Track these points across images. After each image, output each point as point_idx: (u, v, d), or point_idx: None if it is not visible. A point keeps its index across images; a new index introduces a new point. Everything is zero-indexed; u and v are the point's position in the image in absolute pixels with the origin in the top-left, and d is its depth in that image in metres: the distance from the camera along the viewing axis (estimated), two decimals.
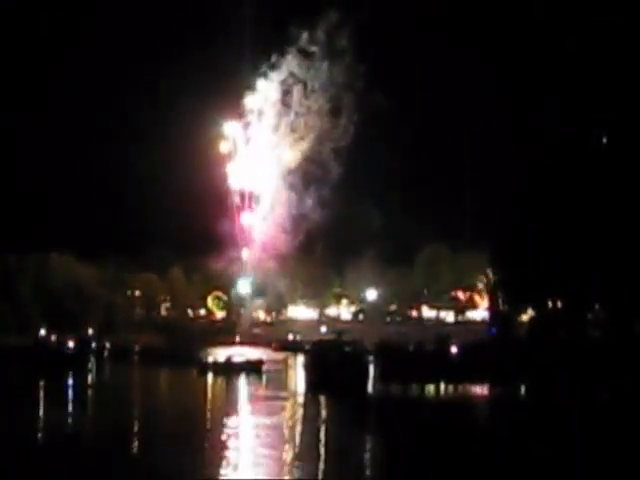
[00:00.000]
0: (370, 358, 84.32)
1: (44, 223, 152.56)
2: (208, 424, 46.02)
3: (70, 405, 56.62)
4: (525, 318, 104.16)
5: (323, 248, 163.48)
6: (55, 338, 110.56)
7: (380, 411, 54.00)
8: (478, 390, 69.86)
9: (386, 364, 79.85)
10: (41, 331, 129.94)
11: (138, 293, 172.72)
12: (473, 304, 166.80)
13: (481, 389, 70.26)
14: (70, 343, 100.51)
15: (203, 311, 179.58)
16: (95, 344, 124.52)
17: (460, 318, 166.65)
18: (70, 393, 66.15)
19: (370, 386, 70.66)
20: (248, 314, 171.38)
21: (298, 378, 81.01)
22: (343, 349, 76.25)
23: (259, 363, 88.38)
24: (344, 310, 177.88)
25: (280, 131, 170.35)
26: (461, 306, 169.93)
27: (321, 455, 34.89)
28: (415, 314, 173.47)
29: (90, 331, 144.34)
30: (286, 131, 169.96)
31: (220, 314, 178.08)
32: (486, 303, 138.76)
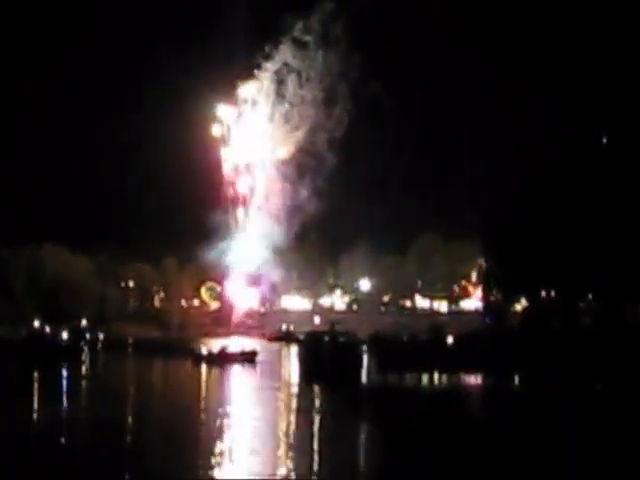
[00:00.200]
0: (364, 348, 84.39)
1: (37, 215, 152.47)
2: (202, 414, 46.02)
3: (64, 396, 56.59)
4: (518, 308, 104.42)
5: (317, 238, 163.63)
6: (49, 329, 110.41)
7: (374, 401, 54.08)
8: (472, 380, 70.01)
9: (381, 354, 80.00)
10: (35, 323, 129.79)
11: (131, 284, 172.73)
12: (467, 294, 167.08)
13: (475, 379, 70.41)
14: (64, 334, 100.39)
15: (197, 302, 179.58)
16: (89, 335, 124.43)
17: (454, 308, 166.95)
18: (64, 384, 66.11)
19: (364, 376, 70.75)
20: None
21: (292, 368, 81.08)
22: (337, 339, 76.28)
23: (253, 354, 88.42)
24: (338, 300, 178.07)
25: (274, 121, 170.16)
26: (455, 296, 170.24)
27: (315, 445, 34.93)
28: (409, 304, 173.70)
29: (84, 322, 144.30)
30: (280, 121, 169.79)
31: (214, 305, 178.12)
32: (479, 293, 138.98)
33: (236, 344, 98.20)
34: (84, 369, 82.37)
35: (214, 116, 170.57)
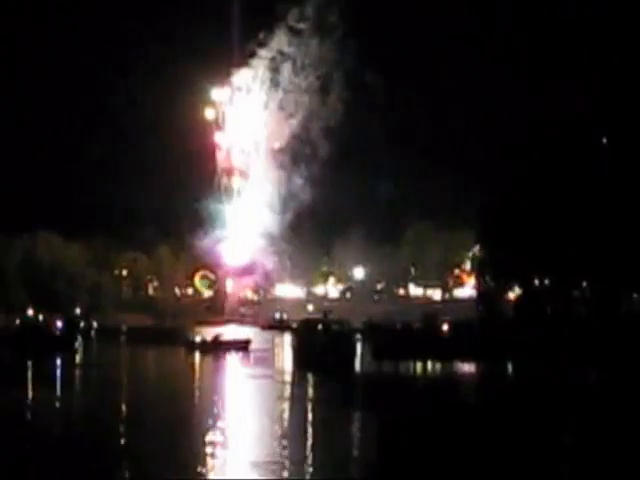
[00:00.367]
0: (358, 336, 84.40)
1: (31, 203, 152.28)
2: (196, 402, 46.04)
3: (58, 385, 56.57)
4: (512, 296, 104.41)
5: (311, 227, 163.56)
6: (42, 318, 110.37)
7: (367, 389, 54.09)
8: (466, 368, 70.15)
9: (375, 342, 80.00)
10: (28, 311, 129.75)
11: (125, 273, 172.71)
12: (460, 282, 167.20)
13: (469, 367, 70.55)
14: (57, 323, 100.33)
15: (190, 290, 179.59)
16: (82, 324, 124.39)
17: (447, 296, 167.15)
18: (58, 373, 66.08)
19: (358, 364, 70.80)
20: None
21: (285, 357, 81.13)
22: (330, 327, 76.30)
23: (246, 342, 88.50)
24: (332, 288, 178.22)
25: (269, 109, 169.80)
26: (449, 284, 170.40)
27: (309, 432, 34.97)
28: (402, 292, 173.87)
29: (77, 311, 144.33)
30: (275, 109, 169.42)
31: (207, 293, 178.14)
32: (473, 281, 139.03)
33: (230, 332, 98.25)
34: (78, 358, 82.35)
35: (208, 100, 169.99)
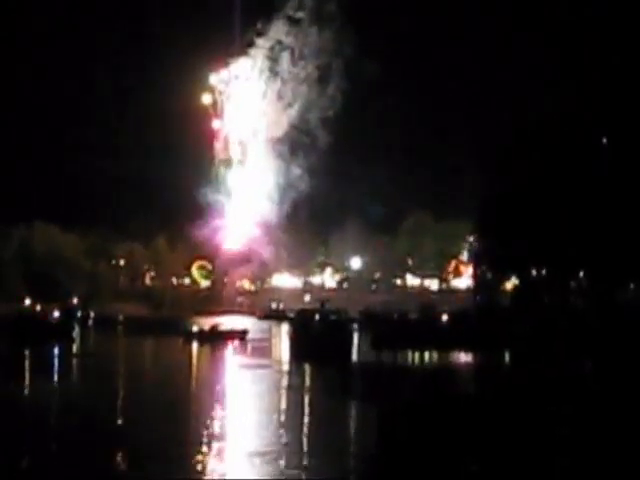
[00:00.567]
0: (354, 326, 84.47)
1: (28, 194, 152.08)
2: (193, 391, 46.13)
3: (55, 374, 56.66)
4: (509, 286, 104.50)
5: (308, 216, 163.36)
6: (39, 308, 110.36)
7: (364, 379, 54.19)
8: (463, 357, 70.32)
9: (373, 332, 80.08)
10: (26, 301, 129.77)
11: (122, 262, 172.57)
12: (458, 272, 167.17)
13: (466, 356, 70.70)
14: (55, 313, 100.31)
15: (188, 280, 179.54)
16: (80, 314, 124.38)
17: (445, 286, 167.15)
18: (56, 362, 66.15)
19: (355, 354, 70.90)
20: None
21: (282, 346, 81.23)
22: (327, 317, 76.32)
23: (244, 332, 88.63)
24: (329, 278, 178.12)
25: (267, 98, 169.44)
26: (446, 274, 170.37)
27: (306, 422, 35.05)
28: (400, 282, 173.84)
29: (75, 300, 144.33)
30: (273, 99, 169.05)
31: (204, 283, 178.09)
32: (470, 271, 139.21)
33: (227, 322, 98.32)
34: (75, 347, 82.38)
35: (206, 85, 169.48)
